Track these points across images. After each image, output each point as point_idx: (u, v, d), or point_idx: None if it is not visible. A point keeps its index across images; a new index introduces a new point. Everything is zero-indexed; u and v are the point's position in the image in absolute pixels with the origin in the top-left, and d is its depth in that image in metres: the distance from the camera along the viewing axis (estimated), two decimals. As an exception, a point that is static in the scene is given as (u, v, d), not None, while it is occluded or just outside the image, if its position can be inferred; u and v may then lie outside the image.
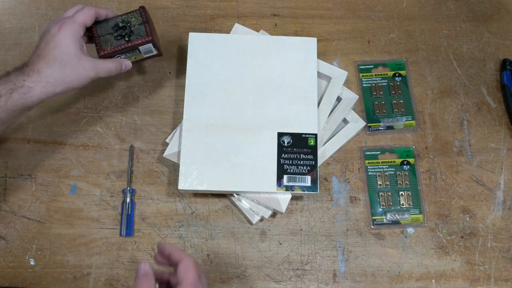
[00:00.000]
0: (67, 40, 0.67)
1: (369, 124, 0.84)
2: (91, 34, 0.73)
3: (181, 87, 0.85)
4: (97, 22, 0.73)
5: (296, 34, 0.90)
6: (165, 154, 0.78)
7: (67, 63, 0.66)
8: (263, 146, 0.76)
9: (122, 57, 0.74)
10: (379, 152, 0.82)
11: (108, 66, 0.71)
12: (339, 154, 0.82)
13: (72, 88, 0.68)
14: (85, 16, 0.69)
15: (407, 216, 0.78)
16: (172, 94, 0.85)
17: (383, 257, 0.77)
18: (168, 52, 0.87)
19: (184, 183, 0.74)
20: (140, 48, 0.74)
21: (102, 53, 0.72)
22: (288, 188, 0.75)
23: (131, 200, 0.78)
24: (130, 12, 0.74)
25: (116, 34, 0.72)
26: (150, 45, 0.74)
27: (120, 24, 0.73)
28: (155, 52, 0.76)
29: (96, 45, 0.72)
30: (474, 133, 0.84)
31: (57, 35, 0.67)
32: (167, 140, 0.80)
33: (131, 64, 0.75)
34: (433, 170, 0.81)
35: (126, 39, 0.72)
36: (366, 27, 0.91)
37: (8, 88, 0.64)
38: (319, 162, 0.78)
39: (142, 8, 0.74)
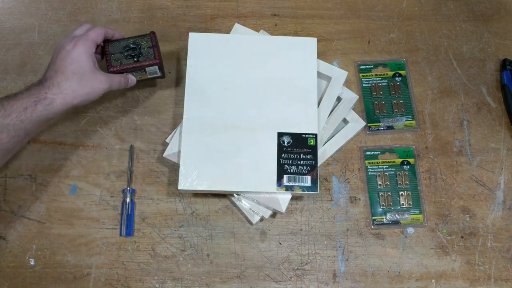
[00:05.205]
0: (82, 56, 0.71)
1: (369, 124, 0.84)
2: (102, 51, 0.79)
3: (181, 87, 0.85)
4: (109, 41, 0.79)
5: (296, 34, 0.90)
6: (165, 154, 0.78)
7: (83, 77, 0.71)
8: (263, 146, 0.76)
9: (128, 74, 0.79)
10: (379, 152, 0.82)
11: (118, 80, 0.76)
12: (339, 154, 0.82)
13: (88, 99, 0.72)
14: (97, 35, 0.75)
15: (407, 216, 0.78)
16: (172, 94, 0.85)
17: (383, 257, 0.77)
18: (168, 52, 0.87)
19: (184, 183, 0.74)
20: (147, 69, 0.78)
21: (112, 69, 0.77)
22: (288, 188, 0.75)
23: (131, 200, 0.78)
24: (141, 36, 0.79)
25: (126, 53, 0.78)
26: (156, 67, 0.79)
27: (131, 45, 0.78)
28: (159, 74, 0.81)
29: (106, 62, 0.78)
30: (474, 133, 0.84)
31: (73, 51, 0.71)
32: (167, 140, 0.80)
33: (135, 80, 0.80)
34: (433, 170, 0.81)
35: (135, 59, 0.77)
36: (366, 27, 0.91)
37: (32, 101, 0.67)
38: (319, 162, 0.78)
39: (153, 33, 0.80)
